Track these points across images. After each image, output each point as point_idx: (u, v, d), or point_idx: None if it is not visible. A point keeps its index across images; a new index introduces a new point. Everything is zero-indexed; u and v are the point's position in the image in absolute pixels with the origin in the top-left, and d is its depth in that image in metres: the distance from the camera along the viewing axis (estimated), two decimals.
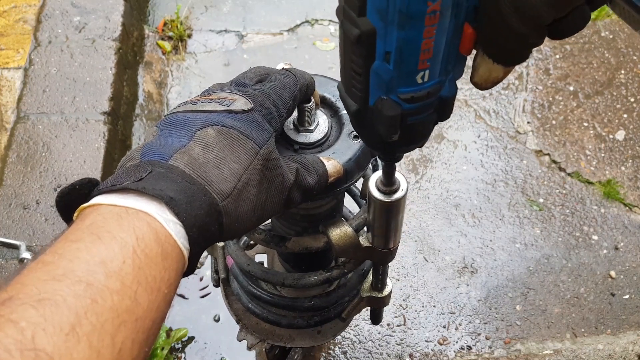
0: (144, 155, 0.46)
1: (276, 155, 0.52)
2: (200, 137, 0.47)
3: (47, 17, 1.85)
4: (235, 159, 0.47)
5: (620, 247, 1.68)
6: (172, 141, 0.47)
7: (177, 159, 0.45)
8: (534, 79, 2.00)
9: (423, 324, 1.55)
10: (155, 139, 0.48)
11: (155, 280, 0.38)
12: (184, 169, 0.45)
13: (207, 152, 0.46)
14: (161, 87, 1.94)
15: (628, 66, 2.03)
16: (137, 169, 0.44)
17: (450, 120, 1.90)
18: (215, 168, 0.46)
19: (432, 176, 1.79)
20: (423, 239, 1.68)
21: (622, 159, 1.84)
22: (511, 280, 1.62)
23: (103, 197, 0.42)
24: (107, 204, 0.41)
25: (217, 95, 0.52)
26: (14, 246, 1.42)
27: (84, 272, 0.35)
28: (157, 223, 0.40)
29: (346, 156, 0.61)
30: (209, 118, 0.49)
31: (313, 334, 0.83)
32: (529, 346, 1.53)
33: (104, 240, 0.38)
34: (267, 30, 2.08)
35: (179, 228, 0.42)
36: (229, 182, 0.46)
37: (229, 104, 0.50)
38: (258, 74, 0.57)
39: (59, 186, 1.53)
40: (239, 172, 0.47)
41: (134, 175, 0.43)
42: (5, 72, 1.75)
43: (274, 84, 0.55)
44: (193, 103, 0.52)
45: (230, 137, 0.48)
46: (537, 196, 1.76)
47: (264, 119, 0.51)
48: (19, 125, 1.63)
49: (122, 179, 0.42)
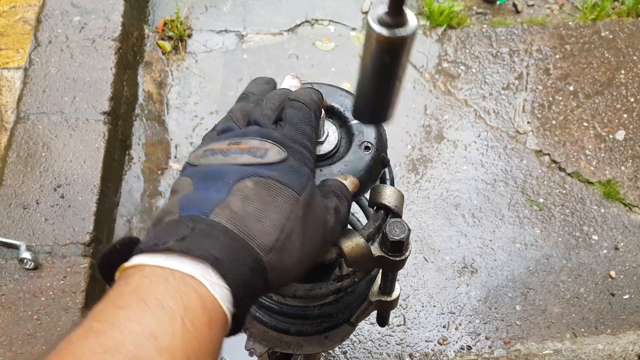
0: (182, 209, 0.46)
1: (316, 199, 0.51)
2: (238, 189, 0.47)
3: (47, 17, 1.85)
4: (276, 209, 0.47)
5: (620, 247, 1.68)
6: (209, 194, 0.46)
7: (218, 213, 0.44)
8: (534, 78, 2.00)
9: (423, 324, 1.55)
10: (191, 191, 0.48)
11: (202, 352, 0.39)
12: (226, 224, 0.44)
13: (246, 204, 0.46)
14: (161, 87, 1.94)
15: (628, 66, 2.03)
16: (178, 225, 0.43)
17: (450, 120, 1.90)
18: (256, 221, 0.45)
19: (432, 176, 1.79)
20: (423, 239, 1.68)
21: (622, 159, 1.84)
22: (511, 280, 1.62)
23: (146, 257, 0.41)
24: (151, 265, 0.41)
25: (248, 145, 0.51)
26: (14, 246, 1.42)
27: (135, 347, 0.36)
28: (203, 288, 0.40)
29: (358, 168, 0.60)
30: (246, 170, 0.48)
31: (321, 340, 0.83)
32: (528, 346, 1.53)
33: (152, 308, 0.38)
34: (267, 30, 2.07)
35: (225, 291, 0.41)
36: (271, 235, 0.45)
37: (262, 155, 0.50)
38: (273, 109, 0.55)
39: (59, 186, 1.53)
40: (281, 222, 0.46)
41: (175, 233, 0.42)
42: (5, 72, 1.75)
43: (295, 122, 0.53)
44: (223, 153, 0.51)
45: (268, 187, 0.47)
46: (537, 196, 1.76)
47: (299, 163, 0.51)
48: (19, 125, 1.63)
49: (164, 237, 0.42)
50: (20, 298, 1.37)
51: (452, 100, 1.95)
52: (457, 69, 2.01)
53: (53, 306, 1.37)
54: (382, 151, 0.63)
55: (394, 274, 0.72)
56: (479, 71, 2.01)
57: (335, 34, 2.07)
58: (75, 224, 1.47)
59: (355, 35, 2.08)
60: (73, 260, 1.43)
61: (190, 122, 1.86)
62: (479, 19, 2.14)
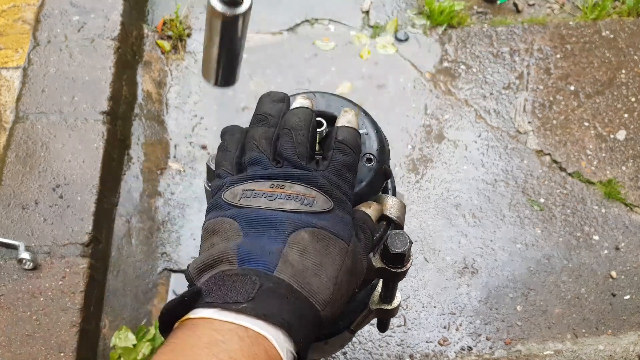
0: (242, 260, 0.45)
1: (359, 246, 0.52)
2: (295, 241, 0.47)
3: (46, 16, 1.84)
4: (330, 261, 0.47)
5: (621, 248, 1.68)
6: (265, 243, 0.47)
7: (282, 269, 0.45)
8: (534, 78, 2.00)
9: (423, 325, 1.55)
10: (245, 240, 0.47)
11: None
12: (290, 282, 0.44)
13: (304, 258, 0.46)
14: (160, 86, 1.94)
15: (629, 66, 2.02)
16: (243, 281, 0.43)
17: (451, 120, 1.90)
18: (314, 275, 0.46)
19: (433, 176, 1.79)
20: (423, 239, 1.68)
21: (623, 158, 1.84)
22: (512, 281, 1.62)
23: (215, 312, 0.41)
24: (222, 320, 0.41)
25: (294, 191, 0.50)
26: (13, 246, 1.41)
27: None
28: (274, 351, 0.41)
29: (360, 180, 0.60)
30: (299, 219, 0.48)
31: (320, 346, 0.82)
32: (529, 347, 1.53)
33: None
34: (266, 29, 2.07)
35: (290, 355, 0.42)
36: (328, 290, 0.46)
37: (310, 203, 0.50)
38: (305, 144, 0.54)
39: (58, 186, 1.52)
40: (335, 275, 0.47)
41: (243, 290, 0.42)
42: (4, 71, 1.75)
43: (339, 167, 0.53)
44: (267, 197, 0.50)
45: (322, 239, 0.48)
46: (537, 196, 1.76)
47: (344, 212, 0.51)
48: (18, 125, 1.62)
49: (232, 295, 0.42)
50: (19, 298, 1.36)
51: (453, 99, 1.94)
52: (457, 68, 2.01)
53: (52, 307, 1.36)
54: (384, 163, 0.63)
55: (394, 283, 0.72)
56: (480, 71, 2.00)
57: (335, 34, 2.07)
58: (74, 224, 1.47)
59: (356, 35, 2.07)
60: (72, 260, 1.42)
61: (189, 121, 1.86)
62: (480, 18, 2.14)
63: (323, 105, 0.65)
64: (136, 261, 1.59)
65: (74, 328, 1.34)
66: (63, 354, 1.31)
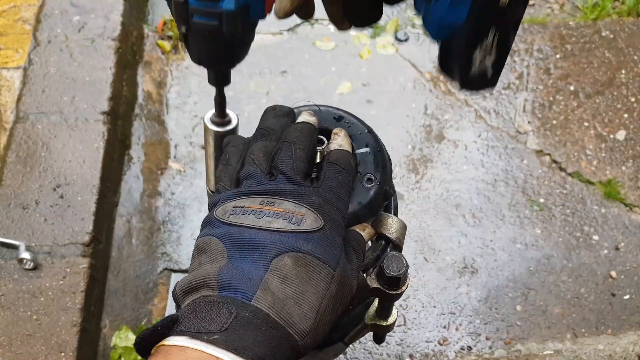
0: (222, 286, 0.45)
1: (346, 269, 0.50)
2: (277, 267, 0.46)
3: (47, 16, 1.85)
4: (313, 289, 0.46)
5: (621, 247, 1.68)
6: (246, 268, 0.46)
7: (260, 298, 0.44)
8: (534, 78, 2.00)
9: (423, 325, 1.55)
10: (229, 263, 0.47)
11: None
12: (268, 311, 0.44)
13: (286, 286, 0.45)
14: (160, 86, 1.94)
15: (629, 66, 2.03)
16: (219, 309, 0.43)
17: (451, 119, 1.90)
18: (295, 305, 0.45)
19: (433, 176, 1.79)
20: (423, 239, 1.68)
21: (622, 158, 1.84)
22: (512, 281, 1.62)
23: (188, 340, 0.41)
24: (194, 349, 0.41)
25: (282, 208, 0.49)
26: (13, 246, 1.42)
27: None
28: None
29: (358, 201, 0.58)
30: (283, 242, 0.47)
31: (314, 353, 0.82)
32: (529, 346, 1.53)
33: None
34: (266, 29, 2.07)
35: None
36: (309, 320, 0.45)
37: (298, 222, 0.49)
38: (303, 159, 0.53)
39: (58, 186, 1.53)
40: (317, 304, 0.46)
41: (217, 319, 0.42)
42: (5, 71, 1.75)
43: (333, 184, 0.52)
44: (255, 214, 0.49)
45: (306, 266, 0.47)
46: (537, 196, 1.76)
47: (335, 233, 0.50)
48: (18, 125, 1.63)
49: (206, 324, 0.42)
50: (19, 298, 1.37)
51: (453, 100, 1.94)
52: None
53: (52, 306, 1.36)
54: (385, 184, 0.61)
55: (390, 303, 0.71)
56: None
57: (335, 34, 2.07)
58: (74, 224, 1.47)
59: (356, 35, 2.07)
60: (72, 260, 1.42)
61: (189, 121, 1.86)
62: None
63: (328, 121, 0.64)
64: (136, 261, 1.59)
65: (74, 328, 1.34)
66: (63, 354, 1.31)
